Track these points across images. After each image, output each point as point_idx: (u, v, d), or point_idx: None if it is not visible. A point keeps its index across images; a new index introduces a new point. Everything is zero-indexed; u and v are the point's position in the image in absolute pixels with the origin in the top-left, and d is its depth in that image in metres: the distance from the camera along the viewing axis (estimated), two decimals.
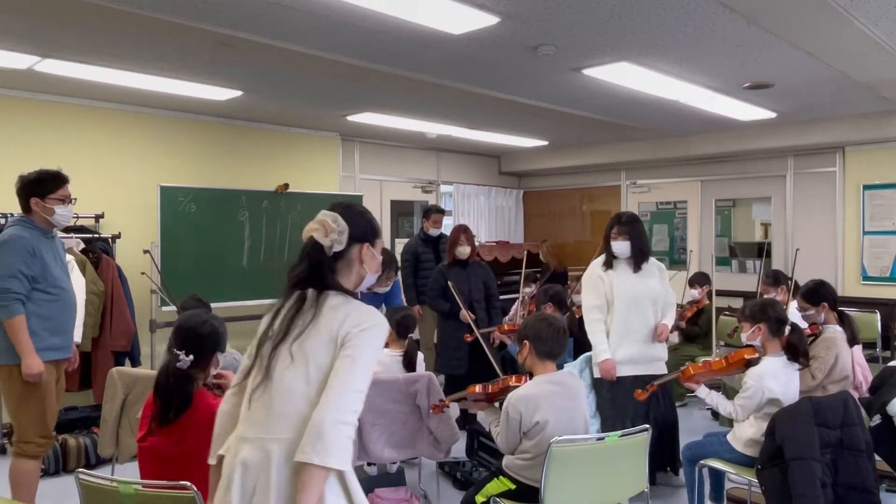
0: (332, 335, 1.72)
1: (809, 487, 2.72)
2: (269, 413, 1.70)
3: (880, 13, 3.45)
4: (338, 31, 3.69)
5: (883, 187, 6.44)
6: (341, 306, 1.77)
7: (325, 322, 1.74)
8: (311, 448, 1.58)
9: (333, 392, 1.64)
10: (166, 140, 5.93)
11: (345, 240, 1.82)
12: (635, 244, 3.86)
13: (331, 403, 1.62)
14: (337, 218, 1.82)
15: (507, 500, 2.67)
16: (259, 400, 1.73)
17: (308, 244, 1.83)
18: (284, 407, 1.69)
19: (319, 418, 1.61)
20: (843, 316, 3.85)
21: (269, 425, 1.70)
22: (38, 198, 3.22)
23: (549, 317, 2.85)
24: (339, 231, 1.81)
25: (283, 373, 1.72)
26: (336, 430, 1.61)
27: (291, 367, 1.71)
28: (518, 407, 2.62)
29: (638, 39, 3.85)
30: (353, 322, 1.73)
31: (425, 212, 6.23)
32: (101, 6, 3.27)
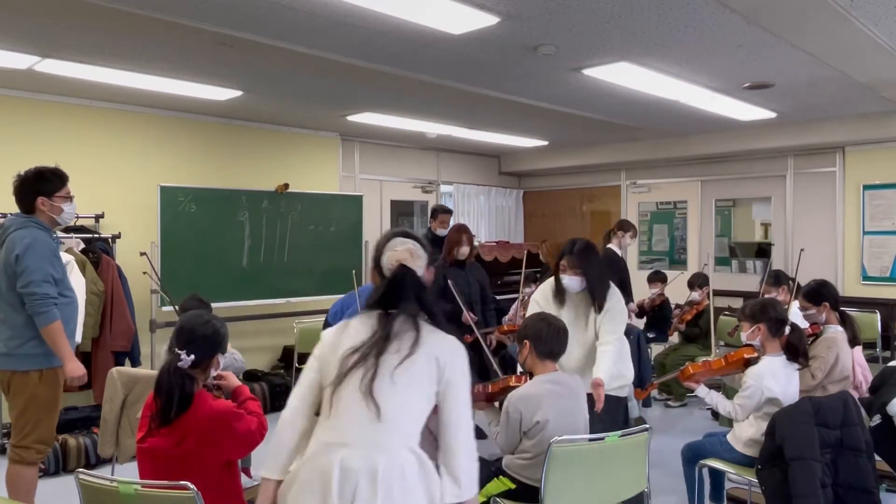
0: (434, 363, 1.88)
1: (809, 487, 2.72)
2: (375, 425, 1.81)
3: (880, 13, 3.45)
4: (338, 31, 3.69)
5: (883, 187, 6.45)
6: (435, 333, 1.93)
7: (427, 349, 1.88)
8: (467, 485, 1.89)
9: (462, 434, 1.92)
10: (166, 140, 5.93)
11: (424, 265, 2.02)
12: (591, 280, 3.20)
13: (465, 447, 1.91)
14: (418, 247, 2.02)
15: (507, 500, 2.67)
16: (357, 410, 1.82)
17: (400, 271, 1.95)
18: (392, 423, 1.84)
19: (463, 462, 1.90)
20: (844, 316, 3.85)
21: (375, 437, 1.82)
22: (45, 196, 3.14)
23: (549, 316, 2.84)
24: (421, 258, 2.02)
25: (388, 390, 1.84)
26: (475, 466, 1.93)
27: (396, 387, 1.84)
28: (518, 406, 2.62)
29: (638, 39, 3.85)
30: (450, 353, 1.91)
31: (433, 212, 6.22)
32: (101, 6, 3.27)
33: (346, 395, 1.84)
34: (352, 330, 1.94)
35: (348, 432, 1.83)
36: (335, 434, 1.84)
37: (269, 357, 6.61)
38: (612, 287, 3.29)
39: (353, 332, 1.93)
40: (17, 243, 3.06)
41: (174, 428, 2.17)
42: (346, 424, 1.84)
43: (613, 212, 8.63)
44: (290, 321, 6.04)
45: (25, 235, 3.08)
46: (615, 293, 3.28)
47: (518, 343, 2.83)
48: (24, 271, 3.03)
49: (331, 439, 1.84)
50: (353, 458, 1.78)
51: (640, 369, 5.30)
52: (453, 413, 1.91)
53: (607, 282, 3.26)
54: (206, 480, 2.13)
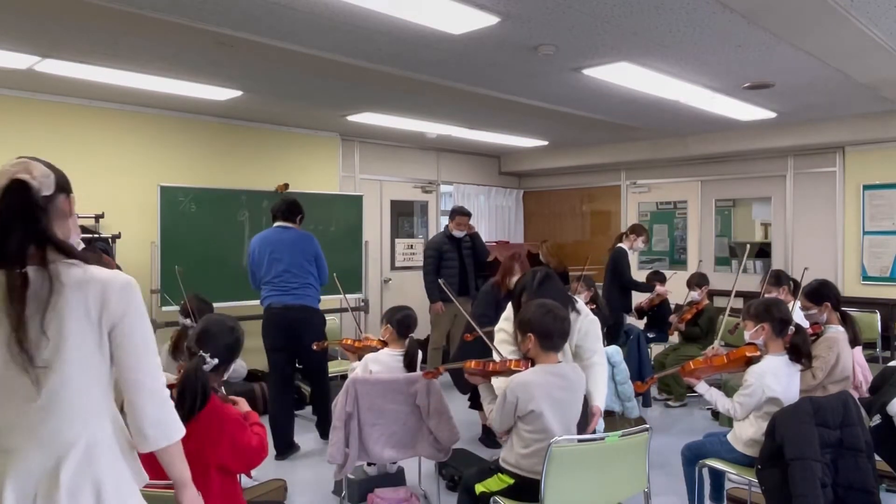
0: (94, 320, 1.54)
1: (809, 487, 2.72)
2: (47, 414, 1.52)
3: (880, 13, 3.45)
4: (338, 31, 3.69)
5: (883, 187, 6.44)
6: (80, 269, 1.56)
7: (76, 302, 1.52)
8: (157, 436, 1.60)
9: (146, 388, 1.59)
10: (166, 140, 5.93)
11: (52, 184, 1.59)
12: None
13: (148, 393, 1.59)
14: (34, 163, 1.59)
15: (506, 498, 2.67)
16: (25, 403, 1.51)
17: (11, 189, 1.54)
18: (62, 403, 1.53)
19: (146, 409, 1.58)
20: (845, 316, 3.85)
21: (49, 429, 1.52)
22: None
23: (550, 305, 2.82)
24: (44, 174, 1.58)
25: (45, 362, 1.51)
26: (165, 411, 1.62)
27: (54, 359, 1.51)
28: (517, 392, 2.66)
29: (638, 39, 3.85)
30: (115, 301, 1.56)
31: (451, 213, 6.28)
32: (101, 6, 3.27)
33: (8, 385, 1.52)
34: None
35: (7, 432, 1.52)
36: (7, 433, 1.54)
37: None
38: (579, 306, 3.19)
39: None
40: None
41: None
42: (10, 422, 1.53)
43: (613, 212, 8.63)
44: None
45: None
46: (581, 310, 3.19)
47: (521, 334, 2.83)
48: None
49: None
50: (23, 462, 1.50)
51: (640, 369, 5.33)
52: (131, 361, 1.57)
53: (566, 305, 3.02)
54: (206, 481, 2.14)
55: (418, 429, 3.49)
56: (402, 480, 3.92)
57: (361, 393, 3.39)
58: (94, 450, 1.55)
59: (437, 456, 3.50)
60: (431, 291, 6.08)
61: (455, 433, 3.45)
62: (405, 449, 3.50)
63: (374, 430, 3.41)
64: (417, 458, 3.70)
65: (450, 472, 4.01)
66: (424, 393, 3.43)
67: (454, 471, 3.97)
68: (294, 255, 4.66)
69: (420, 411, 3.46)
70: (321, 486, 4.05)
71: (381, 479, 3.84)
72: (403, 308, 3.78)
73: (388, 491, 3.68)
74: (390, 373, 3.55)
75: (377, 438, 3.42)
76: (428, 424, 3.45)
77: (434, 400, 3.44)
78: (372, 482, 3.80)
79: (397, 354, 3.64)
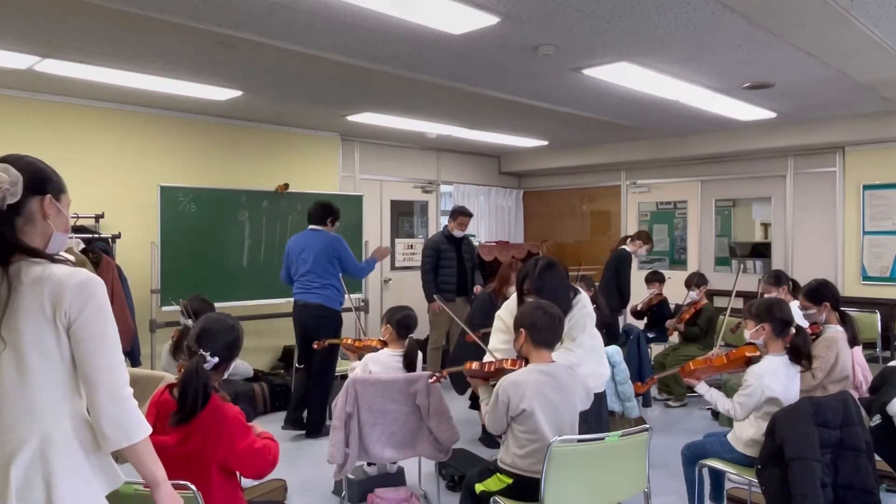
0: (50, 317, 1.53)
1: (809, 487, 2.72)
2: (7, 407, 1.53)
3: (880, 13, 3.45)
4: (338, 31, 3.69)
5: (883, 187, 6.45)
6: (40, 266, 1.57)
7: (31, 300, 1.53)
8: (116, 435, 1.56)
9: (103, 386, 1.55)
10: (166, 140, 5.93)
11: (19, 191, 1.58)
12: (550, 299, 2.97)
13: (105, 390, 1.55)
14: (7, 168, 1.58)
15: (506, 498, 2.68)
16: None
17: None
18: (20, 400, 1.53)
19: (103, 408, 1.55)
20: (844, 316, 3.85)
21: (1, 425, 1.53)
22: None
23: (545, 304, 2.84)
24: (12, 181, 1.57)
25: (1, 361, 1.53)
26: (124, 409, 1.58)
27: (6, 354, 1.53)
28: (508, 391, 2.66)
29: (638, 39, 3.85)
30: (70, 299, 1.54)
31: (452, 212, 6.29)
32: (101, 6, 3.27)
33: None
34: None
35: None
36: None
37: (269, 357, 6.61)
38: (579, 296, 3.16)
39: None
40: None
41: (180, 427, 2.18)
42: None
43: (613, 212, 8.63)
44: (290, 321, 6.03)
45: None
46: (580, 300, 3.15)
47: (514, 331, 2.84)
48: None
49: None
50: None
51: (640, 369, 5.33)
52: (88, 358, 1.55)
53: (568, 294, 3.09)
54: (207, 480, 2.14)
55: (418, 429, 3.50)
56: (402, 480, 3.93)
57: (361, 393, 3.39)
58: (49, 448, 1.53)
59: (437, 456, 3.50)
60: (428, 290, 6.08)
61: (455, 433, 3.45)
62: (405, 449, 3.50)
63: (374, 430, 3.42)
64: (417, 458, 3.71)
65: (450, 472, 4.01)
66: (424, 393, 3.43)
67: (454, 471, 3.97)
68: (318, 257, 4.99)
69: (420, 411, 3.46)
70: (321, 486, 4.05)
71: (381, 479, 3.84)
72: (403, 308, 3.79)
73: (388, 491, 3.68)
74: (390, 373, 3.55)
75: (377, 438, 3.42)
76: (428, 424, 3.45)
77: (434, 400, 3.44)
78: (372, 482, 3.80)
79: (397, 354, 3.64)
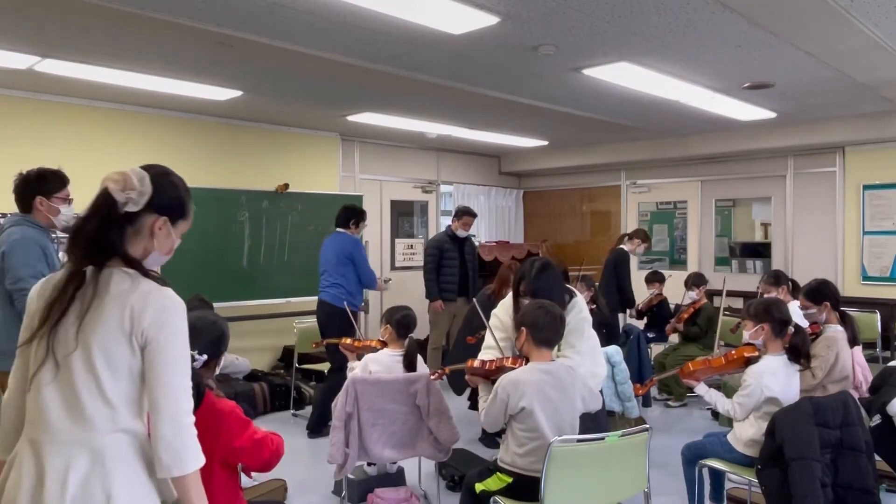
0: (127, 332, 1.52)
1: (809, 487, 2.72)
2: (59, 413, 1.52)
3: (880, 13, 3.45)
4: (338, 31, 3.69)
5: (883, 187, 6.45)
6: (133, 280, 1.56)
7: (113, 310, 1.52)
8: (170, 463, 1.53)
9: (168, 410, 1.54)
10: (166, 140, 5.93)
11: (142, 203, 1.59)
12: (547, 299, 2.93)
13: (167, 417, 1.54)
14: (144, 178, 1.60)
15: (506, 497, 2.68)
16: (45, 394, 1.53)
17: (98, 202, 1.59)
18: (87, 404, 1.52)
19: (162, 433, 1.53)
20: (844, 316, 3.85)
21: (71, 426, 1.52)
22: (43, 196, 3.14)
23: (547, 304, 2.84)
24: (140, 191, 1.59)
25: (75, 363, 1.52)
26: (182, 438, 1.55)
27: (77, 356, 1.52)
28: (507, 389, 2.67)
29: (638, 39, 3.85)
30: (148, 303, 1.54)
31: (457, 212, 6.27)
32: (101, 6, 3.27)
33: (35, 377, 1.55)
34: (50, 291, 1.59)
35: (40, 424, 1.53)
36: (27, 424, 1.56)
37: (269, 357, 6.61)
38: (575, 299, 3.14)
39: (50, 293, 1.58)
40: (4, 241, 3.07)
41: None
42: (36, 413, 1.54)
43: (613, 212, 8.63)
44: (290, 321, 6.04)
45: (14, 232, 3.09)
46: (576, 304, 3.12)
47: (515, 329, 2.85)
48: (11, 268, 3.03)
49: (25, 432, 1.57)
50: (49, 456, 1.50)
51: (640, 369, 5.33)
52: (155, 381, 1.53)
53: (564, 296, 3.08)
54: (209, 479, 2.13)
55: (418, 429, 3.49)
56: (402, 480, 3.93)
57: (361, 393, 3.39)
58: (108, 460, 1.52)
59: (437, 456, 3.50)
60: (430, 289, 6.08)
61: (455, 433, 3.45)
62: (405, 449, 3.50)
63: (374, 430, 3.41)
64: (417, 458, 3.71)
65: (450, 472, 4.01)
66: (424, 393, 3.43)
67: (454, 471, 3.97)
68: (333, 258, 5.14)
69: (420, 411, 3.46)
70: (321, 486, 4.05)
71: (381, 479, 3.84)
72: (403, 308, 3.78)
73: (388, 491, 3.68)
74: (390, 373, 3.55)
75: (377, 438, 3.42)
76: (428, 424, 3.45)
77: (434, 400, 3.44)
78: (372, 482, 3.80)
79: (397, 354, 3.64)
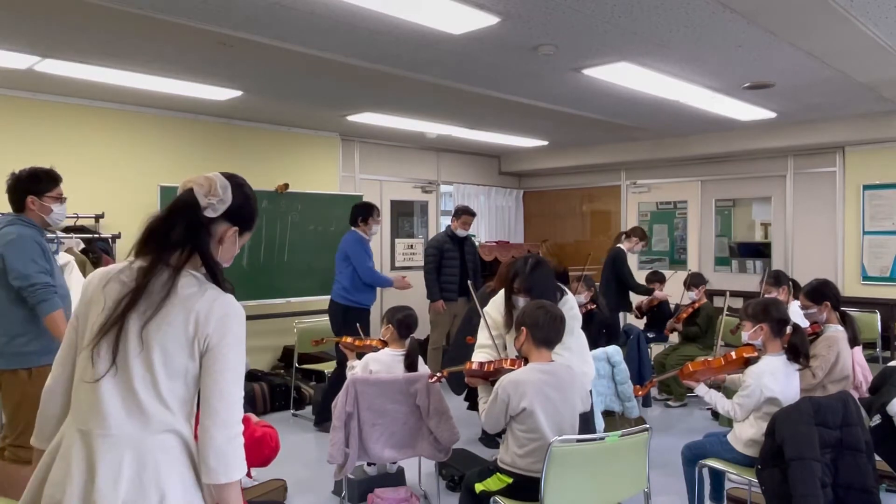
0: (190, 337, 1.55)
1: (809, 487, 2.72)
2: (127, 406, 1.53)
3: (880, 13, 3.45)
4: (338, 31, 3.69)
5: (883, 187, 6.45)
6: (202, 286, 1.59)
7: (178, 314, 1.55)
8: (218, 468, 1.53)
9: (221, 414, 1.55)
10: (166, 140, 5.93)
11: (219, 211, 1.64)
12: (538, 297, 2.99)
13: (220, 423, 1.54)
14: (227, 187, 1.65)
15: (506, 497, 2.68)
16: (102, 387, 1.54)
17: (181, 201, 1.62)
18: (143, 401, 1.53)
19: (214, 439, 1.53)
20: (844, 316, 3.85)
21: (125, 420, 1.53)
22: (34, 196, 3.15)
23: (546, 304, 2.85)
24: (221, 199, 1.64)
25: (134, 360, 1.54)
26: (232, 446, 1.55)
27: (138, 354, 1.54)
28: (508, 390, 2.67)
29: (638, 39, 3.85)
30: (213, 310, 1.57)
31: (456, 211, 6.27)
32: (101, 6, 3.27)
33: (92, 370, 1.56)
34: (113, 284, 1.60)
35: (94, 417, 1.53)
36: (77, 415, 1.57)
37: (269, 357, 6.62)
38: (566, 297, 3.17)
39: (113, 286, 1.60)
40: (0, 241, 3.07)
41: None
42: (89, 405, 1.54)
43: (613, 212, 8.63)
44: (290, 321, 6.04)
45: (9, 232, 3.09)
46: (567, 301, 3.15)
47: (515, 329, 2.85)
48: (14, 268, 3.03)
49: (74, 422, 1.58)
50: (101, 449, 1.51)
51: (640, 369, 5.33)
52: (211, 387, 1.55)
53: (555, 293, 3.10)
54: None
55: (418, 429, 3.49)
56: (402, 480, 3.93)
57: (361, 393, 3.39)
58: (158, 459, 1.53)
59: (437, 456, 3.50)
60: (432, 289, 6.07)
61: (455, 433, 3.45)
62: (405, 449, 3.50)
63: (374, 430, 3.41)
64: (417, 458, 3.70)
65: (450, 472, 4.01)
66: (424, 393, 3.43)
67: (454, 471, 3.97)
68: (338, 256, 5.28)
69: (420, 411, 3.46)
70: (321, 486, 4.05)
71: (381, 479, 3.84)
72: (404, 308, 3.78)
73: (388, 491, 3.68)
74: (390, 373, 3.55)
75: (377, 438, 3.42)
76: (428, 424, 3.45)
77: (434, 400, 3.44)
78: (372, 482, 3.80)
79: (398, 354, 3.64)
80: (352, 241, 5.20)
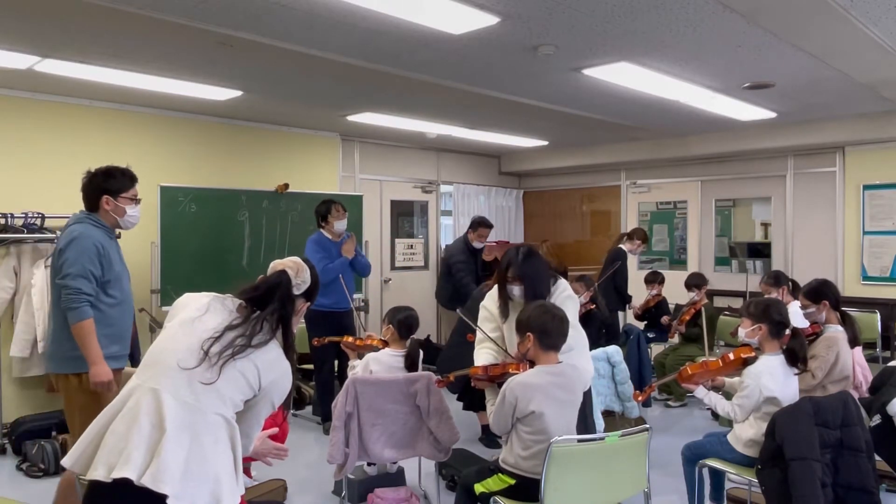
0: (255, 388, 1.93)
1: (809, 487, 2.72)
2: (185, 390, 1.84)
3: (880, 13, 3.45)
4: (338, 31, 3.69)
5: (883, 187, 6.44)
6: (272, 349, 1.99)
7: (254, 367, 1.93)
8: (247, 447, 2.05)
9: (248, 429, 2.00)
10: (166, 140, 5.93)
11: (303, 289, 2.12)
12: (530, 286, 3.06)
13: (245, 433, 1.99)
14: (307, 272, 2.13)
15: (506, 498, 2.68)
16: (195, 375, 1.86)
17: (277, 278, 2.07)
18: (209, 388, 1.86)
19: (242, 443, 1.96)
20: (844, 316, 3.85)
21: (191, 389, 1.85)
22: (110, 195, 3.08)
23: (550, 307, 2.84)
24: (303, 280, 2.12)
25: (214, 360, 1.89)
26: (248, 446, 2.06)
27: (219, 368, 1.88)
28: (516, 392, 2.65)
29: (638, 39, 3.85)
30: (273, 369, 1.97)
31: (473, 224, 6.44)
32: (101, 6, 3.27)
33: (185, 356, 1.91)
34: (211, 309, 1.98)
35: (158, 374, 1.87)
36: (150, 372, 1.89)
37: None
38: (558, 282, 3.22)
39: (212, 311, 1.98)
40: (64, 237, 3.02)
41: None
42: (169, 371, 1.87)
43: (613, 212, 8.63)
44: None
45: (75, 230, 3.03)
46: (560, 284, 3.21)
47: (519, 334, 2.83)
48: (63, 264, 2.98)
49: (147, 381, 1.87)
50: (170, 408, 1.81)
51: (640, 370, 5.33)
52: (251, 414, 1.99)
53: (547, 282, 3.15)
54: None
55: (418, 429, 3.50)
56: (402, 480, 3.93)
57: (361, 393, 3.39)
58: (211, 428, 1.84)
59: (437, 456, 3.50)
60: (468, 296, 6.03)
61: (455, 433, 3.45)
62: (405, 449, 3.50)
63: (374, 430, 3.42)
64: (417, 458, 3.71)
65: (450, 472, 4.02)
66: (424, 393, 3.43)
67: (454, 471, 3.97)
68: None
69: (420, 411, 3.46)
70: (321, 486, 4.05)
71: (381, 479, 3.84)
72: (406, 308, 3.79)
73: (388, 491, 3.68)
74: (391, 373, 3.55)
75: (377, 438, 3.42)
76: (428, 424, 3.45)
77: (434, 400, 3.44)
78: (372, 482, 3.80)
79: (398, 354, 3.64)
80: (308, 243, 5.20)
